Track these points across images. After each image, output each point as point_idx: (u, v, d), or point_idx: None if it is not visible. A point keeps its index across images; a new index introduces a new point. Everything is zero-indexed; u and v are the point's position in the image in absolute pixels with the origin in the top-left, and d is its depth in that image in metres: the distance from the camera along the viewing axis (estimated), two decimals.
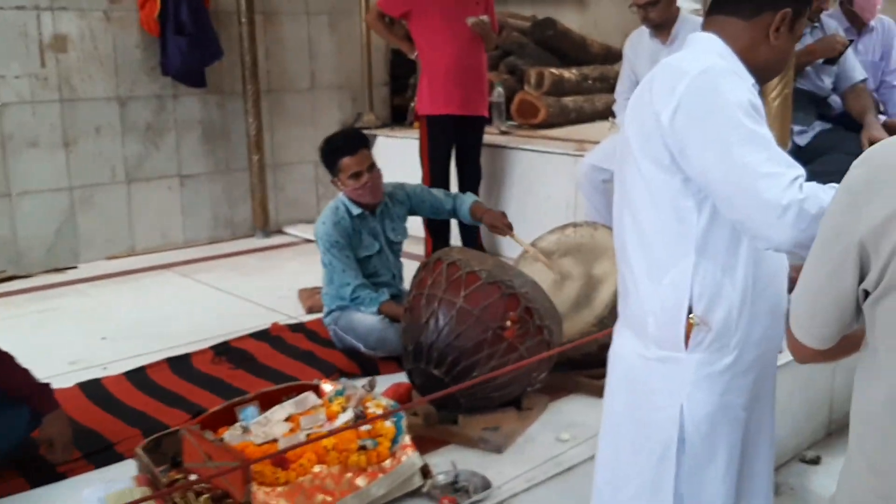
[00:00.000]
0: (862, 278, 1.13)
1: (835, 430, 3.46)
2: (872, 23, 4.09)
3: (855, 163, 1.16)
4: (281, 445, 2.26)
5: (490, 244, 4.79)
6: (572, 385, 2.98)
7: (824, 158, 3.52)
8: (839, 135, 3.75)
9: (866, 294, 1.14)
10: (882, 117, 3.89)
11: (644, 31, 3.99)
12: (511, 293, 2.58)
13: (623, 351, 1.74)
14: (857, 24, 4.12)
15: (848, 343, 1.25)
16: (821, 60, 3.74)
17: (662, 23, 3.80)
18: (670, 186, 1.57)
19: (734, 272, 1.58)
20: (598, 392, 2.93)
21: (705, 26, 1.69)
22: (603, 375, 2.94)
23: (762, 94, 1.98)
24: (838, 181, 1.46)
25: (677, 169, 1.55)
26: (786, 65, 1.70)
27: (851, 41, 3.76)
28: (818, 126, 3.82)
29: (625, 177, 1.67)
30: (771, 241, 1.45)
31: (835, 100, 3.95)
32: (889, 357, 1.12)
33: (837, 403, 3.44)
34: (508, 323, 2.54)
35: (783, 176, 1.42)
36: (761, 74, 1.64)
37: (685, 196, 1.56)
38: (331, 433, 2.24)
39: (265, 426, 2.39)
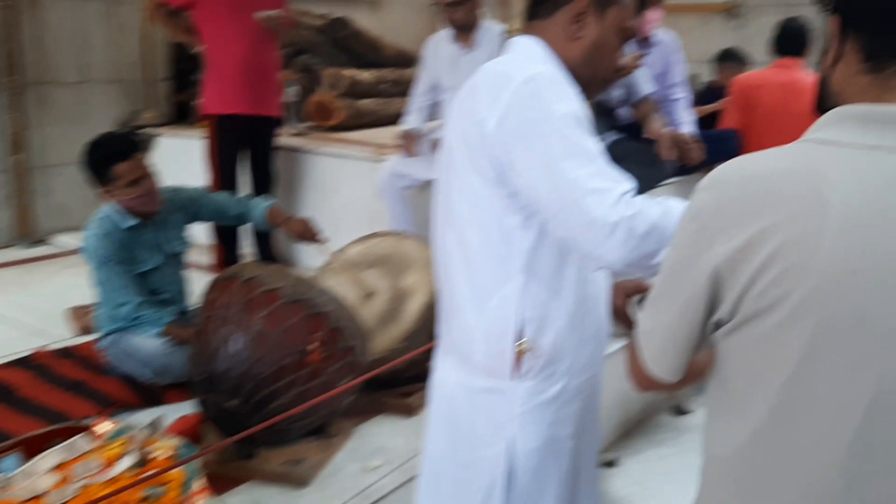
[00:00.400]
0: (714, 308, 1.06)
1: (629, 431, 3.56)
2: (657, 37, 4.26)
3: (701, 185, 1.08)
4: (49, 501, 1.92)
5: (286, 252, 4.54)
6: (379, 406, 2.82)
7: (617, 167, 3.60)
8: (630, 144, 3.87)
9: (718, 325, 1.07)
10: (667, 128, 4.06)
11: (444, 35, 3.93)
12: (315, 313, 2.38)
13: (445, 381, 1.60)
14: (641, 39, 4.28)
15: (691, 373, 1.18)
16: None
17: (466, 25, 3.76)
18: (496, 202, 1.45)
19: (561, 294, 1.49)
20: (407, 411, 2.83)
21: (526, 31, 1.59)
22: (412, 393, 2.86)
23: None
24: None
25: (503, 183, 1.43)
26: (609, 66, 1.56)
27: (642, 55, 3.89)
28: (610, 136, 3.93)
29: (448, 191, 1.54)
30: (602, 261, 1.37)
31: (622, 110, 4.09)
32: (747, 394, 1.05)
33: (630, 404, 3.53)
34: (313, 346, 2.34)
35: (611, 192, 1.34)
36: (585, 80, 1.53)
37: (511, 212, 1.45)
38: (108, 483, 1.94)
39: (29, 478, 2.03)
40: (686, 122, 4.15)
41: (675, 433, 3.58)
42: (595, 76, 1.55)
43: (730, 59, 5.75)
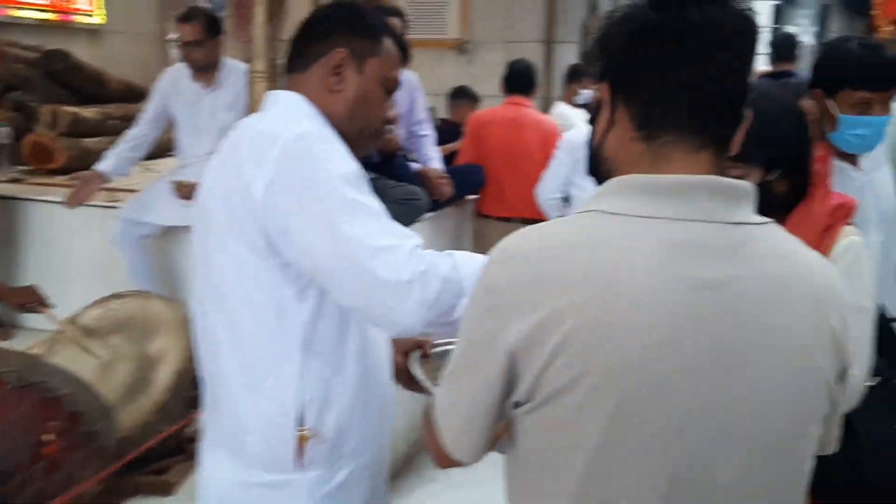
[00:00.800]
0: (512, 389, 1.01)
1: (397, 472, 3.50)
2: (400, 75, 4.29)
3: (492, 257, 1.03)
4: None
5: (5, 315, 4.02)
6: (131, 488, 2.53)
7: None
8: (384, 182, 3.83)
9: (516, 405, 1.02)
10: (415, 165, 4.10)
11: (183, 71, 3.70)
12: (49, 397, 2.07)
13: (215, 478, 1.43)
14: None
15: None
16: None
17: (207, 65, 3.58)
18: (266, 273, 1.32)
19: (344, 368, 1.38)
20: (165, 490, 2.56)
21: (285, 85, 1.48)
22: (168, 468, 2.61)
23: None
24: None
25: (274, 252, 1.31)
26: (375, 118, 1.49)
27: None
28: (366, 175, 3.88)
29: (208, 262, 1.38)
30: (398, 325, 1.28)
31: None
32: (549, 477, 1.01)
33: (397, 443, 3.46)
34: (49, 436, 2.03)
35: (400, 248, 1.26)
36: (352, 135, 1.44)
37: (285, 284, 1.32)
38: None
39: None
40: (434, 157, 4.20)
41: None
42: (362, 130, 1.47)
43: (462, 96, 5.97)
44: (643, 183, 1.00)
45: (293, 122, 1.35)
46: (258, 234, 1.30)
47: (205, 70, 3.61)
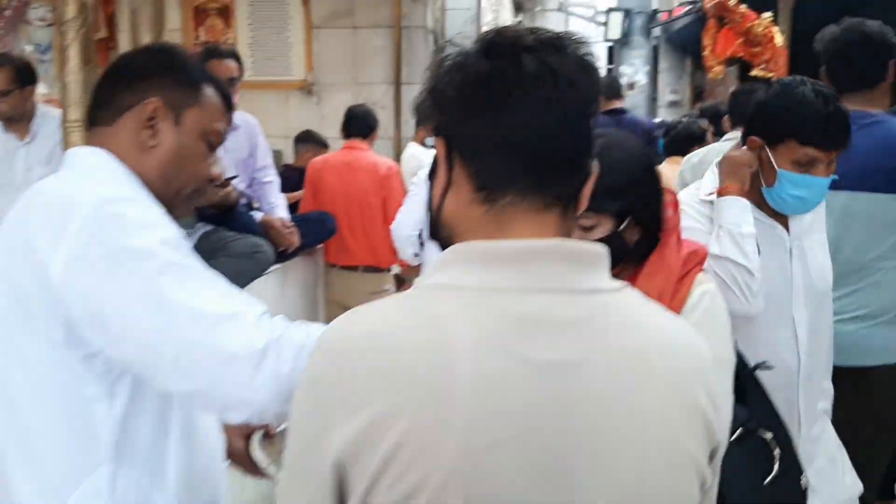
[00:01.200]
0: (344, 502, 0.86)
1: None
2: (237, 119, 4.07)
3: (316, 345, 0.90)
4: None
5: None
6: None
7: (212, 263, 3.31)
8: (223, 235, 3.60)
9: None
10: (258, 214, 3.89)
11: None
12: None
13: None
14: None
15: None
16: None
17: (15, 116, 3.31)
18: (66, 369, 1.13)
19: (164, 472, 1.20)
20: None
21: (88, 141, 1.30)
22: None
23: None
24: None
25: (77, 343, 1.11)
26: (197, 176, 1.32)
27: None
28: (201, 227, 3.63)
29: None
30: (251, 404, 1.10)
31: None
32: None
33: None
34: None
35: (246, 314, 1.11)
36: (170, 196, 1.27)
37: (90, 380, 1.13)
38: None
39: None
40: (279, 205, 4.02)
41: None
42: (181, 191, 1.30)
43: (308, 140, 5.77)
44: (483, 250, 0.88)
45: (96, 184, 1.18)
46: (56, 322, 1.11)
47: (16, 121, 3.33)
